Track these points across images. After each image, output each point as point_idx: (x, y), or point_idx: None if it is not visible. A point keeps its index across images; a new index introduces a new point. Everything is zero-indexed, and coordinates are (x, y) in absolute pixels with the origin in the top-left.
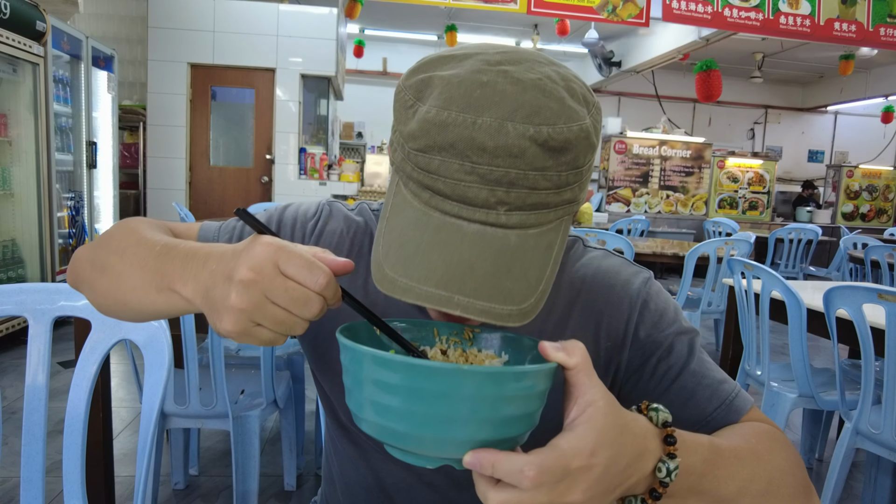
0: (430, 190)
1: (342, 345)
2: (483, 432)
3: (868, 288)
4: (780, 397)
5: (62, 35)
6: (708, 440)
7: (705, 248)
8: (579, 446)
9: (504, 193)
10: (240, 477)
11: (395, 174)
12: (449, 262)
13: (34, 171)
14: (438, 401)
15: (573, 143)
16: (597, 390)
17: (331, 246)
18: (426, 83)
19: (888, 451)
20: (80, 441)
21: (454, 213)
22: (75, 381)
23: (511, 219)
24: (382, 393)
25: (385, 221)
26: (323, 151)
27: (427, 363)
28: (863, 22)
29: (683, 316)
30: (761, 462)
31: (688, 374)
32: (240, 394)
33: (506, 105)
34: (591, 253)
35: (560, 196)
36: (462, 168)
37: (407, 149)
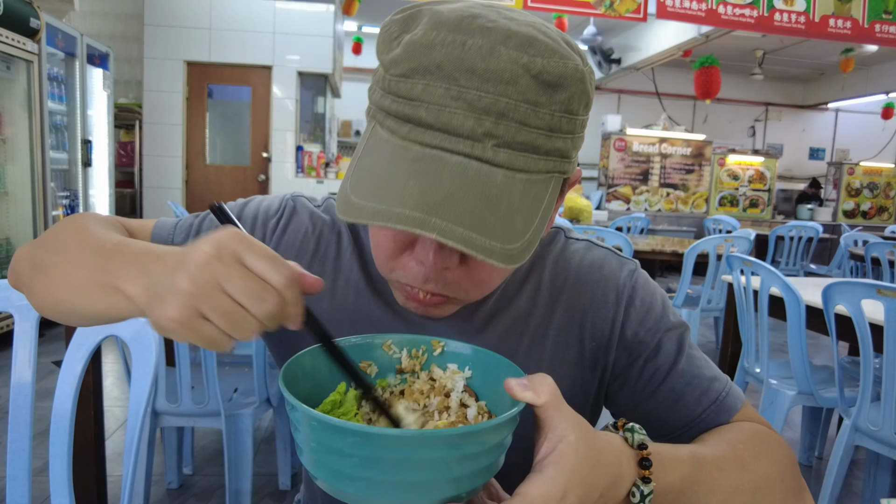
0: (410, 122)
1: (287, 401)
2: (447, 490)
3: (867, 284)
4: (779, 395)
5: (56, 32)
6: (689, 453)
7: (705, 245)
8: (549, 492)
9: (492, 124)
10: (233, 476)
11: (371, 120)
12: (426, 188)
13: (28, 170)
14: (396, 467)
15: (568, 82)
16: (567, 424)
17: (294, 246)
18: (414, 16)
19: (887, 448)
20: (66, 439)
21: (436, 144)
22: (62, 379)
23: (498, 155)
24: (334, 457)
25: (356, 162)
26: (320, 149)
27: (380, 431)
28: (858, 18)
29: (672, 309)
30: (746, 470)
31: (676, 375)
32: (233, 392)
33: (498, 32)
34: (574, 245)
35: (551, 142)
36: (448, 93)
37: (388, 77)
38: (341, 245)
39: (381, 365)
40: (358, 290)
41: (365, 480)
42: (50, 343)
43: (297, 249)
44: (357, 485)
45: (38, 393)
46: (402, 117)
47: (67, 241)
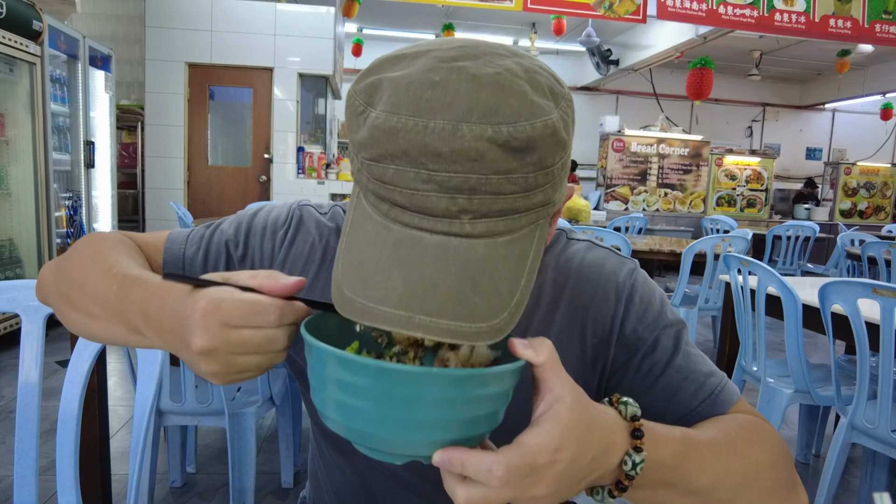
0: (387, 202)
1: (305, 342)
2: (450, 433)
3: (863, 283)
4: (776, 393)
5: (59, 35)
6: (681, 433)
7: (702, 245)
8: (544, 443)
9: (466, 201)
10: (236, 474)
11: (356, 185)
12: (409, 279)
13: (31, 171)
14: (405, 403)
15: (538, 142)
16: (564, 386)
17: (302, 256)
18: (375, 86)
19: (883, 446)
20: (73, 438)
21: (414, 225)
22: (68, 379)
23: (476, 227)
24: (347, 394)
25: (345, 238)
26: (321, 150)
27: (393, 366)
28: (858, 18)
29: (670, 307)
30: (738, 455)
31: (673, 370)
32: (236, 391)
33: (459, 105)
34: (575, 245)
35: (530, 199)
36: (418, 177)
37: (360, 158)
38: None
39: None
40: None
41: (375, 416)
42: (55, 343)
43: (304, 259)
44: (367, 421)
45: (44, 392)
46: (380, 197)
47: (83, 272)
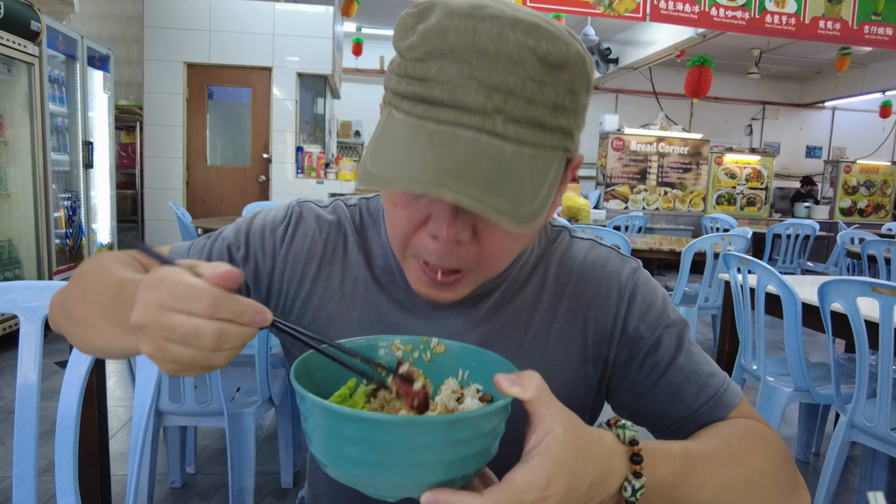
0: (425, 102)
1: (296, 391)
2: (439, 474)
3: (862, 281)
4: (776, 392)
5: (57, 35)
6: (681, 449)
7: (702, 243)
8: (533, 480)
9: (501, 101)
10: (236, 475)
11: (386, 107)
12: (441, 157)
13: (30, 172)
14: (391, 450)
15: (570, 64)
16: (554, 418)
17: (304, 250)
18: (428, 9)
19: (883, 444)
20: (72, 439)
21: (450, 121)
22: (67, 380)
23: (507, 129)
24: (340, 443)
25: (373, 142)
26: (320, 150)
27: (370, 416)
28: (848, 20)
29: (672, 307)
30: (739, 465)
31: (675, 370)
32: (235, 392)
33: (506, 18)
34: (578, 244)
35: (556, 119)
36: (460, 73)
37: (405, 62)
38: (348, 245)
39: (389, 363)
40: (366, 286)
41: (369, 463)
42: (54, 343)
43: (306, 253)
44: (362, 467)
45: (42, 393)
46: (417, 98)
47: (85, 286)
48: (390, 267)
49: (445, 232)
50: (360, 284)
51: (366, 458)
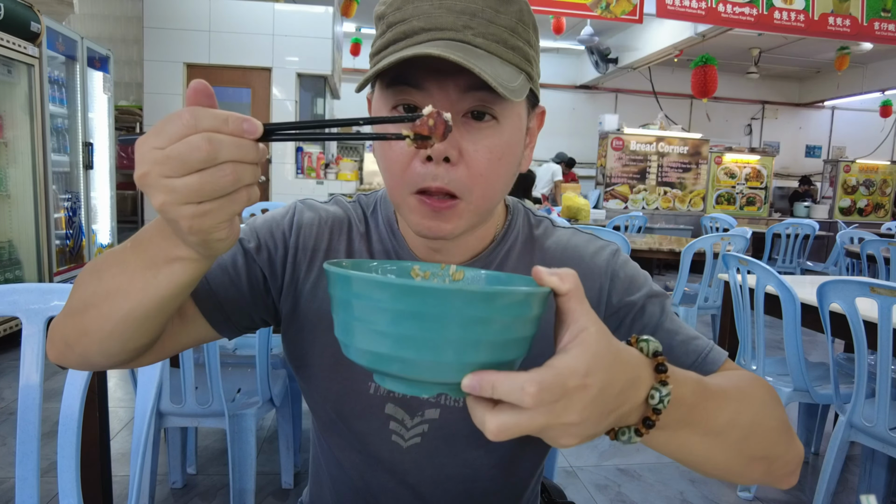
0: (406, 37)
1: (328, 273)
2: (479, 355)
3: (861, 282)
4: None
5: (57, 36)
6: (695, 375)
7: (701, 243)
8: (575, 366)
9: (469, 19)
10: (236, 475)
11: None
12: (429, 48)
13: (30, 173)
14: (433, 323)
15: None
16: (588, 317)
17: (311, 238)
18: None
19: (882, 444)
20: (74, 441)
21: (430, 39)
22: (69, 381)
23: (476, 40)
24: (372, 318)
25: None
26: (320, 150)
27: (420, 284)
28: (857, 16)
29: (653, 282)
30: (746, 396)
31: (662, 332)
32: (236, 392)
33: None
34: (560, 231)
35: (513, 39)
36: (432, 4)
37: (387, 17)
38: (352, 234)
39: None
40: None
41: (402, 339)
42: None
43: (314, 240)
44: (395, 347)
45: (44, 394)
46: (399, 37)
47: (94, 275)
48: (388, 252)
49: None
50: None
51: (401, 333)
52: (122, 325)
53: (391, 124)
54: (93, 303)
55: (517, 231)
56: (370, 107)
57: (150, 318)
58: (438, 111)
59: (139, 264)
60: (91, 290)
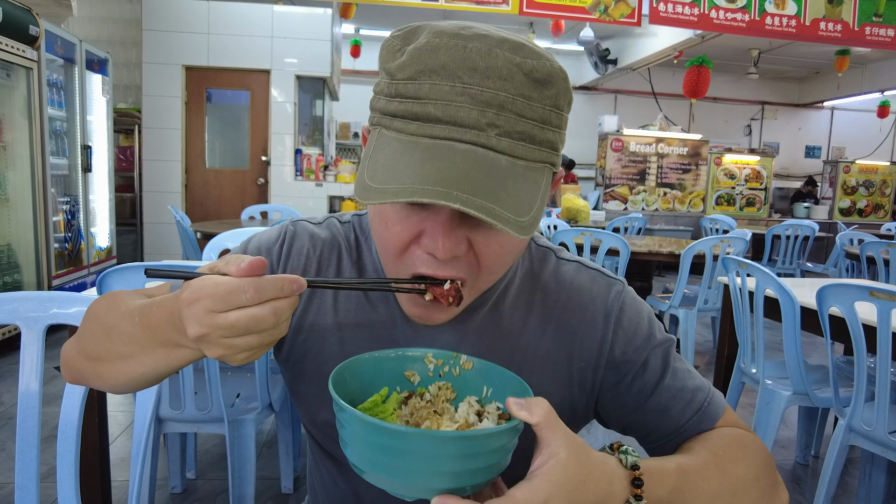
0: (418, 120)
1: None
2: (449, 483)
3: (860, 286)
4: (774, 395)
5: (56, 39)
6: (675, 465)
7: (701, 246)
8: (532, 498)
9: (494, 115)
10: (236, 481)
11: (374, 128)
12: (442, 168)
13: (29, 176)
14: (409, 458)
15: (555, 80)
16: (559, 443)
17: (299, 267)
18: (414, 31)
19: (881, 448)
20: (73, 447)
21: (445, 136)
22: (68, 387)
23: (500, 143)
24: (367, 448)
25: (367, 159)
26: (319, 152)
27: (393, 427)
28: (849, 21)
29: (658, 325)
30: (726, 475)
31: (662, 390)
32: (235, 398)
33: (493, 38)
34: (565, 266)
35: (543, 133)
36: (453, 89)
37: (395, 83)
38: (342, 262)
39: (422, 375)
40: (359, 301)
41: (390, 467)
42: (55, 348)
43: (302, 270)
44: (386, 471)
45: (43, 398)
46: (409, 116)
47: (104, 325)
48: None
49: (441, 246)
50: (352, 301)
51: (388, 463)
52: (134, 381)
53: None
54: (107, 359)
55: (517, 265)
56: (364, 142)
57: (163, 377)
58: (456, 285)
59: (150, 342)
60: (104, 348)
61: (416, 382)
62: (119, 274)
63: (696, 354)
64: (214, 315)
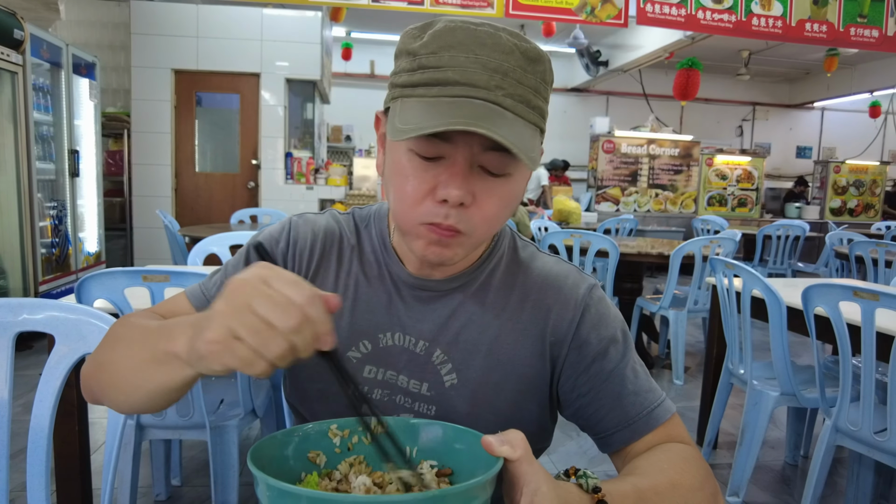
0: (440, 84)
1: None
2: None
3: (844, 286)
4: (762, 396)
5: (41, 43)
6: (632, 488)
7: (690, 246)
8: None
9: (500, 79)
10: (219, 488)
11: (393, 101)
12: (466, 112)
13: (14, 181)
14: None
15: (543, 58)
16: (539, 477)
17: (305, 253)
18: (430, 23)
19: (867, 448)
20: (44, 456)
21: (463, 95)
22: (39, 396)
23: (506, 101)
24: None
25: (395, 116)
26: (310, 155)
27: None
28: (834, 22)
29: (623, 327)
30: (677, 490)
31: (617, 378)
32: (219, 404)
33: (496, 26)
34: (545, 257)
35: (536, 100)
36: (468, 59)
37: (418, 57)
38: (342, 245)
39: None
40: (357, 280)
41: None
42: (41, 354)
43: (308, 252)
44: None
45: (25, 407)
46: (431, 83)
47: (120, 338)
48: (379, 263)
49: (455, 193)
50: (352, 278)
51: None
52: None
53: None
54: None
55: (502, 252)
56: (378, 124)
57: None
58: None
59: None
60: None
61: (321, 464)
62: (98, 280)
63: (686, 356)
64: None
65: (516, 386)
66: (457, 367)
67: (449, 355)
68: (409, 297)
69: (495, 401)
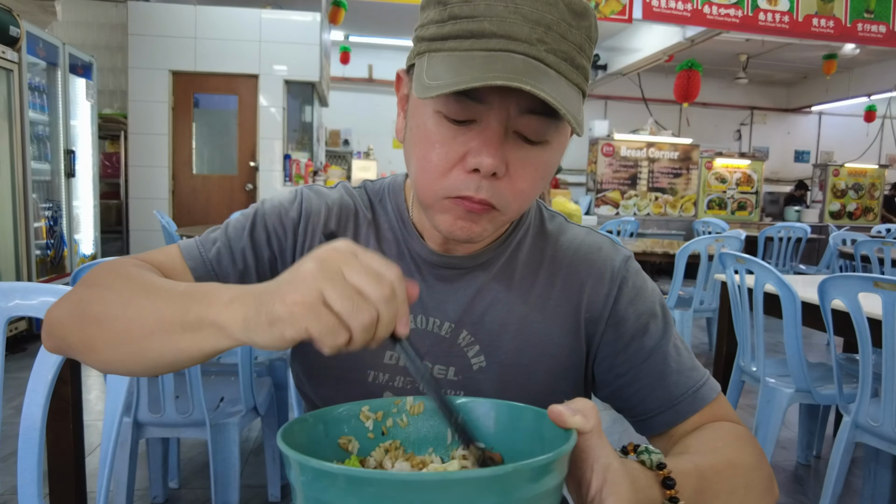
0: (473, 36)
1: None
2: None
3: (863, 277)
4: (776, 393)
5: (38, 41)
6: (693, 466)
7: (696, 245)
8: None
9: (543, 32)
10: (219, 487)
11: (420, 57)
12: (505, 67)
13: (9, 181)
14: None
15: (588, 13)
16: (608, 451)
17: (319, 223)
18: None
19: (888, 444)
20: (36, 452)
21: (501, 48)
22: (30, 387)
23: (549, 58)
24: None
25: (423, 70)
26: (308, 158)
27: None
28: (841, 17)
29: (661, 299)
30: (737, 470)
31: (659, 356)
32: (219, 401)
33: None
34: (576, 228)
35: (580, 58)
36: (506, 8)
37: (449, 7)
38: (358, 219)
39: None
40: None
41: None
42: (35, 357)
43: (321, 224)
44: None
45: (18, 409)
46: (464, 35)
47: (123, 290)
48: (398, 240)
49: (489, 162)
50: None
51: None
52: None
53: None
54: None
55: (528, 224)
56: (399, 84)
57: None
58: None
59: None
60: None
61: (353, 451)
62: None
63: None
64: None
65: (549, 367)
66: (485, 349)
67: (476, 336)
68: (431, 277)
69: (527, 384)
